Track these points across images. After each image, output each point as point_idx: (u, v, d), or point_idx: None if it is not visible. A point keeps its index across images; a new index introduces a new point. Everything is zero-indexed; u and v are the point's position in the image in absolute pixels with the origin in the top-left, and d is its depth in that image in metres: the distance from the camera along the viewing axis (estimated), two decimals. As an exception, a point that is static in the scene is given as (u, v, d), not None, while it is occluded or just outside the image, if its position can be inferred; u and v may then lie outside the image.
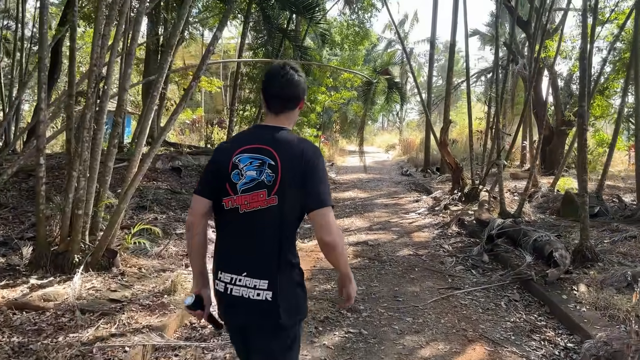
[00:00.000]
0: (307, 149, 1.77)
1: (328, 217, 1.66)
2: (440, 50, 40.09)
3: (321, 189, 1.70)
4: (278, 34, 10.05)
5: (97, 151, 4.84)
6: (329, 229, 1.65)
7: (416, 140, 25.40)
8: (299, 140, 1.83)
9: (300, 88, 1.89)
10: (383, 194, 11.91)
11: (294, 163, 1.74)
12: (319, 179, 1.72)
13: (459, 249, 6.40)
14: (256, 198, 1.74)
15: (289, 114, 1.90)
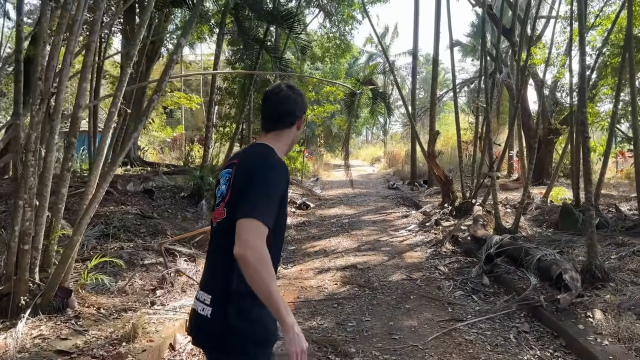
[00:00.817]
0: (260, 159, 1.72)
1: (247, 227, 1.50)
2: (422, 62, 40.11)
3: (255, 200, 1.57)
4: (255, 45, 9.57)
5: (47, 176, 4.25)
6: (241, 238, 1.48)
7: (401, 153, 25.05)
8: (260, 153, 1.78)
9: (292, 106, 1.85)
10: (370, 210, 11.40)
11: (244, 174, 1.68)
12: (258, 189, 1.61)
13: (456, 271, 5.89)
14: (218, 212, 1.73)
15: (279, 133, 1.85)
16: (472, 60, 31.42)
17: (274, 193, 1.62)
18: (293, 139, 1.91)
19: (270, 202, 1.59)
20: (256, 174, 1.64)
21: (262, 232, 1.51)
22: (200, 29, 16.29)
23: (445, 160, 19.15)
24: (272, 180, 1.64)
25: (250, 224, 1.51)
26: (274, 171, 1.67)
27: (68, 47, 4.44)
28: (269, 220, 1.54)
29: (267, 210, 1.57)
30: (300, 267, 6.19)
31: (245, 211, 1.53)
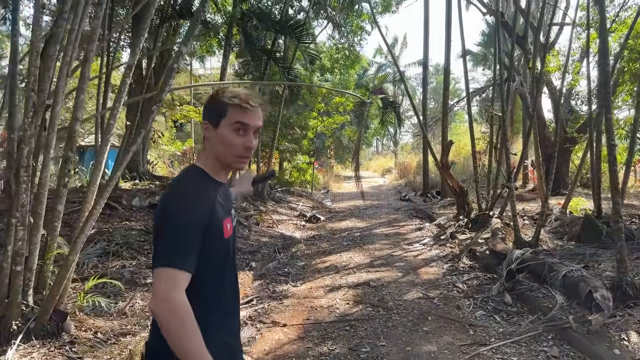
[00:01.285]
0: (168, 189, 1.53)
1: (157, 277, 1.34)
2: (431, 73, 39.88)
3: (164, 242, 1.39)
4: (262, 56, 9.38)
5: (42, 193, 4.04)
6: (155, 292, 1.33)
7: (412, 163, 24.74)
8: (174, 180, 1.59)
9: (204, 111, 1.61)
10: (382, 223, 11.09)
11: (157, 210, 1.48)
12: (162, 231, 1.40)
13: (475, 288, 5.56)
14: None
15: (204, 144, 1.63)
16: (483, 70, 31.12)
17: (186, 227, 1.39)
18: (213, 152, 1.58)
19: (183, 240, 1.38)
20: (162, 210, 1.44)
21: (176, 281, 1.32)
22: (209, 42, 16.23)
23: (458, 171, 18.80)
24: (182, 212, 1.41)
25: (161, 273, 1.33)
26: (181, 200, 1.45)
27: (64, 57, 4.26)
28: (185, 263, 1.35)
29: (181, 251, 1.36)
30: (310, 284, 5.89)
31: (155, 258, 1.37)
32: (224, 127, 1.54)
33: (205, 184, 1.55)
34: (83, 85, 4.28)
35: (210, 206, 1.48)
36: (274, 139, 12.86)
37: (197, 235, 1.41)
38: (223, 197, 1.61)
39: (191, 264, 1.37)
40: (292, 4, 15.89)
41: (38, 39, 3.62)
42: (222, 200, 1.58)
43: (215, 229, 1.48)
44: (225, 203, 1.61)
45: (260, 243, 8.04)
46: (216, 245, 1.50)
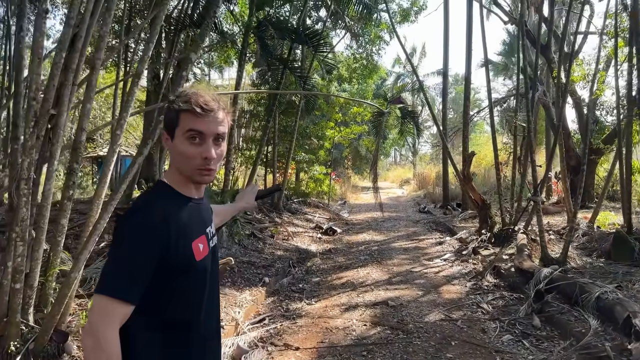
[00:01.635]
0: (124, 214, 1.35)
1: (92, 305, 1.24)
2: (450, 83, 39.45)
3: (106, 267, 1.27)
4: (279, 65, 9.22)
5: (45, 206, 3.87)
6: (87, 322, 1.22)
7: (431, 174, 24.33)
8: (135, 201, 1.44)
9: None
10: (401, 236, 10.77)
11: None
12: (112, 252, 1.31)
13: (501, 309, 5.23)
14: None
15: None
16: (504, 79, 30.60)
17: (135, 252, 1.25)
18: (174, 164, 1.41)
19: (129, 267, 1.24)
20: (115, 231, 1.31)
21: (110, 312, 1.19)
22: (227, 53, 16.19)
23: (479, 182, 18.36)
24: (133, 236, 1.27)
25: (95, 302, 1.22)
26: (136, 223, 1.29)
27: (70, 64, 4.11)
28: (127, 292, 1.22)
29: (123, 278, 1.23)
30: (325, 302, 5.62)
31: (97, 285, 1.24)
32: (178, 137, 1.36)
33: (171, 203, 1.37)
34: (90, 94, 4.12)
35: (174, 229, 1.31)
36: (290, 149, 12.68)
37: (147, 262, 1.25)
38: (195, 215, 1.44)
39: (134, 294, 1.23)
40: (309, 15, 15.81)
41: (40, 46, 3.46)
42: (192, 219, 1.41)
43: (180, 253, 1.32)
44: (197, 221, 1.44)
45: (274, 257, 7.80)
46: (183, 270, 1.34)
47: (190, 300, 1.40)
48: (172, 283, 1.32)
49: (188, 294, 1.39)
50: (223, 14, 14.20)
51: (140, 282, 1.24)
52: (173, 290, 1.34)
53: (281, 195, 12.63)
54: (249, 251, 7.83)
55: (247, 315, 5.09)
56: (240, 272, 6.57)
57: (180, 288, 1.36)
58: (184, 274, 1.35)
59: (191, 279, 1.38)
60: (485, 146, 22.03)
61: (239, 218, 8.30)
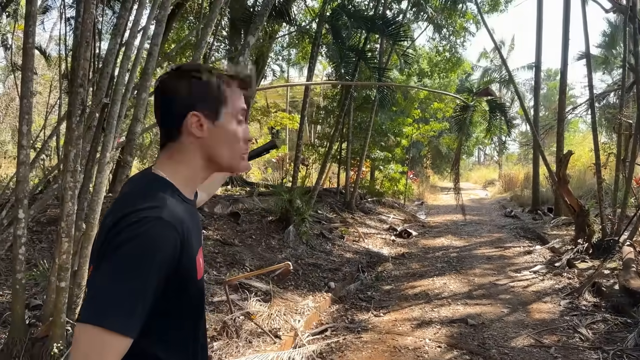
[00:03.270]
0: (125, 210, 0.97)
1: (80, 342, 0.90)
2: (542, 78, 36.90)
3: (101, 288, 0.92)
4: (352, 56, 8.73)
5: (96, 200, 3.68)
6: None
7: (519, 175, 22.70)
8: (134, 193, 1.07)
9: (172, 99, 1.08)
10: (484, 242, 9.88)
11: (99, 236, 1.03)
12: (111, 267, 0.92)
13: (604, 336, 4.39)
14: None
15: (169, 148, 1.11)
16: (603, 74, 27.92)
17: (143, 273, 0.93)
18: (206, 154, 1.12)
19: (134, 293, 0.92)
20: (117, 238, 0.94)
21: (107, 350, 0.88)
22: (305, 49, 15.97)
23: (573, 185, 16.69)
24: (141, 249, 0.94)
25: (88, 335, 0.89)
26: (144, 231, 0.95)
27: (126, 51, 3.90)
28: (128, 326, 0.90)
29: (125, 307, 0.91)
30: (395, 315, 5.07)
31: (84, 309, 0.92)
32: (227, 118, 1.11)
33: (178, 206, 1.05)
34: (146, 83, 3.87)
35: (182, 240, 1.01)
36: (364, 146, 12.14)
37: (154, 287, 0.95)
38: (195, 223, 1.15)
39: (136, 328, 0.92)
40: (390, 7, 15.17)
41: (88, 27, 3.23)
42: (193, 229, 1.11)
43: (186, 270, 1.05)
44: (197, 231, 1.15)
45: (342, 259, 7.35)
46: (188, 290, 1.07)
47: (192, 324, 1.14)
48: (177, 302, 1.05)
49: (190, 316, 1.13)
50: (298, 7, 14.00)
51: (146, 310, 0.95)
52: (177, 310, 1.07)
53: (355, 194, 12.15)
54: (316, 252, 7.43)
55: (307, 324, 4.67)
56: (304, 275, 6.18)
57: (184, 309, 1.09)
58: (187, 293, 1.08)
59: (193, 299, 1.12)
60: (579, 146, 20.16)
61: (307, 217, 7.94)
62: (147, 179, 1.10)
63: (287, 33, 13.74)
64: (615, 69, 25.42)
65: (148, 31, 4.60)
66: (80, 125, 3.35)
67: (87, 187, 3.83)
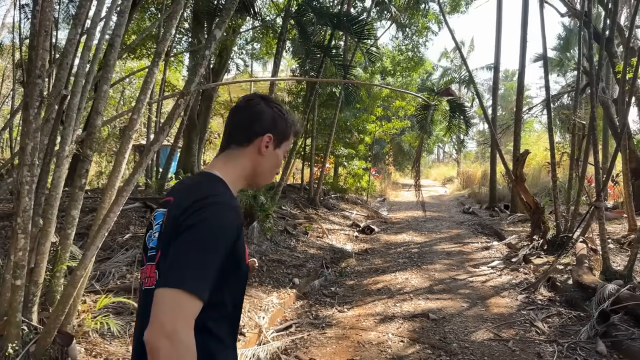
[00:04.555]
0: (196, 198, 1.19)
1: (164, 301, 1.04)
2: (500, 79, 37.94)
3: (183, 259, 1.09)
4: (317, 52, 8.74)
5: (54, 195, 3.56)
6: (156, 319, 1.03)
7: (477, 173, 23.31)
8: (199, 187, 1.26)
9: (259, 117, 1.37)
10: (444, 238, 10.12)
11: (174, 220, 1.19)
12: (189, 244, 1.11)
13: (559, 329, 4.59)
14: (152, 272, 1.24)
15: (232, 154, 1.37)
16: (557, 76, 28.95)
17: (214, 250, 1.13)
18: (256, 168, 1.39)
19: (206, 264, 1.11)
20: (188, 221, 1.15)
21: (188, 310, 1.05)
22: (269, 43, 15.86)
23: (528, 183, 17.30)
24: (214, 227, 1.15)
25: (172, 297, 1.05)
26: (218, 212, 1.18)
27: (87, 42, 3.77)
28: (201, 291, 1.08)
29: (200, 277, 1.09)
30: (359, 310, 5.13)
31: (167, 276, 1.08)
32: (281, 149, 1.44)
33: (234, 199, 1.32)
34: (107, 75, 3.77)
35: (239, 226, 1.24)
36: (328, 142, 12.18)
37: (222, 260, 1.16)
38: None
39: (207, 292, 1.10)
40: (354, 5, 15.23)
41: (47, 17, 3.10)
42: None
43: (240, 253, 1.26)
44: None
45: (306, 255, 7.36)
46: (239, 270, 1.29)
47: (240, 303, 1.36)
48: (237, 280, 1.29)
49: (240, 295, 1.35)
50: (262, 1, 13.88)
51: (214, 278, 1.13)
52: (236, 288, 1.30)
53: (318, 191, 12.17)
54: (280, 248, 7.42)
55: (272, 321, 4.66)
56: (269, 271, 6.16)
57: (239, 288, 1.33)
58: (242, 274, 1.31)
59: (243, 281, 1.36)
60: (534, 146, 20.88)
61: (271, 213, 7.91)
62: (206, 176, 1.33)
63: (252, 27, 13.63)
64: (569, 71, 26.38)
65: (110, 21, 4.48)
66: (38, 118, 3.22)
67: (45, 181, 3.69)
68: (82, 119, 5.07)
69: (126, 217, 6.59)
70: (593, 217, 7.30)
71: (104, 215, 3.38)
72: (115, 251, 5.58)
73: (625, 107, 8.52)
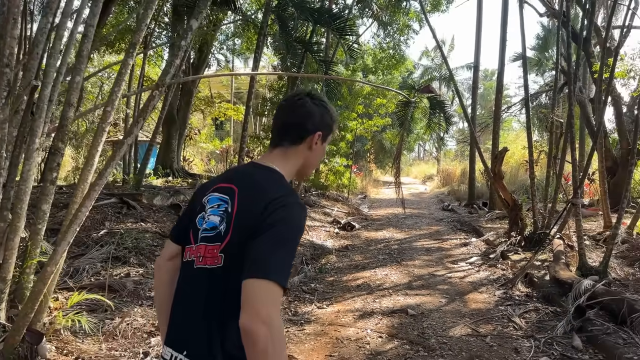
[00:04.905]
0: (277, 199, 1.28)
1: (259, 293, 1.15)
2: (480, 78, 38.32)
3: (272, 253, 1.21)
4: (298, 47, 8.68)
5: (23, 189, 3.44)
6: (254, 307, 1.14)
7: (456, 171, 23.50)
8: (274, 186, 1.36)
9: (310, 116, 1.47)
10: (423, 235, 10.17)
11: (252, 212, 1.28)
12: (277, 238, 1.23)
13: (536, 325, 4.63)
14: (211, 252, 1.32)
15: (285, 150, 1.47)
16: (536, 75, 29.35)
17: (294, 244, 1.29)
18: (305, 162, 1.51)
19: (289, 256, 1.25)
20: (272, 218, 1.25)
21: (278, 299, 1.17)
22: (250, 39, 15.73)
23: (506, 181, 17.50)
24: (295, 226, 1.29)
25: (265, 288, 1.16)
26: (297, 212, 1.31)
27: (58, 32, 3.65)
28: (286, 282, 1.20)
29: (286, 268, 1.22)
30: (338, 307, 5.11)
31: (258, 268, 1.18)
32: (327, 142, 1.56)
33: None
34: (80, 66, 3.66)
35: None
36: (310, 139, 12.09)
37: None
38: None
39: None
40: (336, 1, 15.19)
41: (15, 3, 3.00)
42: None
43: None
44: None
45: (287, 252, 7.30)
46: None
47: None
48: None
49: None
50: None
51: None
52: None
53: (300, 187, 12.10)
54: (260, 245, 7.35)
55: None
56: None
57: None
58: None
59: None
60: (512, 144, 21.13)
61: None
62: (270, 171, 1.41)
63: (232, 21, 13.49)
64: (547, 70, 26.77)
65: (83, 11, 4.36)
66: (5, 109, 3.12)
67: (14, 175, 3.57)
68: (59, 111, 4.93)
69: (102, 212, 6.45)
70: (570, 214, 7.41)
71: (75, 209, 3.29)
72: (89, 247, 5.45)
73: (602, 106, 8.65)
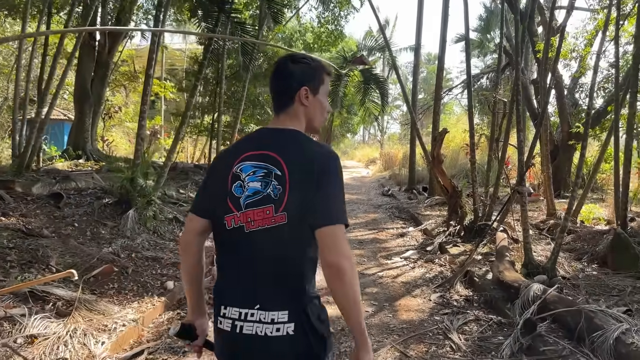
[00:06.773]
0: (319, 154, 1.47)
1: (337, 236, 1.36)
2: (422, 62, 38.04)
3: (333, 202, 1.41)
4: (214, 10, 7.46)
5: None
6: (336, 248, 1.34)
7: (398, 154, 22.94)
8: (310, 144, 1.52)
9: (291, 75, 1.57)
10: (359, 224, 9.30)
11: (305, 172, 1.43)
12: (331, 190, 1.42)
13: (477, 343, 3.80)
14: (262, 215, 1.44)
15: (287, 112, 1.59)
16: (478, 58, 29.23)
17: (343, 187, 1.47)
18: (308, 117, 1.60)
19: (344, 199, 1.45)
20: (327, 172, 1.42)
21: (345, 237, 1.37)
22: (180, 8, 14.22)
23: (446, 165, 17.00)
24: (339, 172, 1.46)
25: (339, 230, 1.36)
26: (338, 161, 1.48)
27: None
28: (347, 219, 1.42)
29: (344, 209, 1.42)
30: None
31: (328, 217, 1.37)
32: (322, 94, 1.62)
33: None
34: None
35: None
36: (237, 118, 10.93)
37: None
38: None
39: None
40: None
41: None
42: None
43: None
44: None
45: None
46: None
47: None
48: None
49: None
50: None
51: None
52: None
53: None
54: (163, 241, 6.19)
55: (118, 346, 3.51)
56: (136, 272, 4.94)
57: None
58: None
59: None
60: (454, 127, 20.73)
61: (154, 199, 6.64)
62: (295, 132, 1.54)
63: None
64: (489, 53, 26.63)
65: None
66: None
67: None
68: None
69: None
70: (512, 202, 6.73)
71: None
72: None
73: (548, 86, 8.04)
